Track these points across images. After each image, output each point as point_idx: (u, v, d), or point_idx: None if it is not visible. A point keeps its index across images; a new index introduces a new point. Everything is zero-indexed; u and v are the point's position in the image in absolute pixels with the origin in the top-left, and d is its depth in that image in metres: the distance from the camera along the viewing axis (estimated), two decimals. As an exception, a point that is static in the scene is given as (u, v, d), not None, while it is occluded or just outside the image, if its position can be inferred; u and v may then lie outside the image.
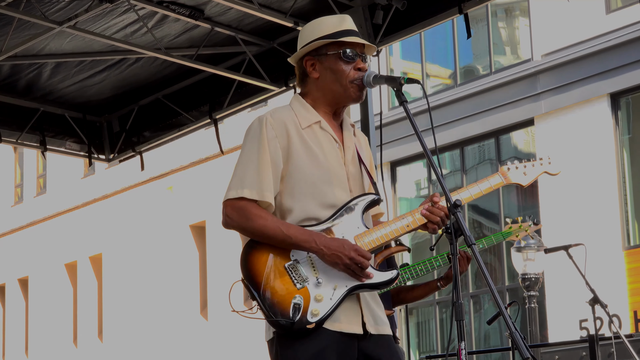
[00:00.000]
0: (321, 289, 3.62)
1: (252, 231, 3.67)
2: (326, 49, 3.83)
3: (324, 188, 3.73)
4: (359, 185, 3.83)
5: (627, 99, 17.72)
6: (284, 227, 3.64)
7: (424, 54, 21.40)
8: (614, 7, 17.83)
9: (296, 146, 3.75)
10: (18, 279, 30.57)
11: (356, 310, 3.69)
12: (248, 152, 3.75)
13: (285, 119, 3.78)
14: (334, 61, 3.82)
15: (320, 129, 3.81)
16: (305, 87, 3.90)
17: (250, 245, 3.70)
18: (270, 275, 3.63)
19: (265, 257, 3.66)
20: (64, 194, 28.85)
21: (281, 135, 3.74)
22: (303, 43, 3.88)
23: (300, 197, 3.72)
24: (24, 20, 7.89)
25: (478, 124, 19.47)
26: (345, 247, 3.62)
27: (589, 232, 16.64)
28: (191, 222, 24.98)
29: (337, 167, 3.78)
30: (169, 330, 25.15)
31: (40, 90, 9.66)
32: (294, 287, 3.61)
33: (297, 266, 3.65)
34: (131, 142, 10.33)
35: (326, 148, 3.79)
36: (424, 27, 8.25)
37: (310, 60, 3.86)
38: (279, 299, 3.60)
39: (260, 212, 3.67)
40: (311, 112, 3.84)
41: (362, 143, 3.99)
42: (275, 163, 3.71)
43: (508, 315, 3.47)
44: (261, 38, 8.92)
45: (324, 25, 3.88)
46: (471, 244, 3.48)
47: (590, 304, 7.51)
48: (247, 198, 3.68)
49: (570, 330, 16.44)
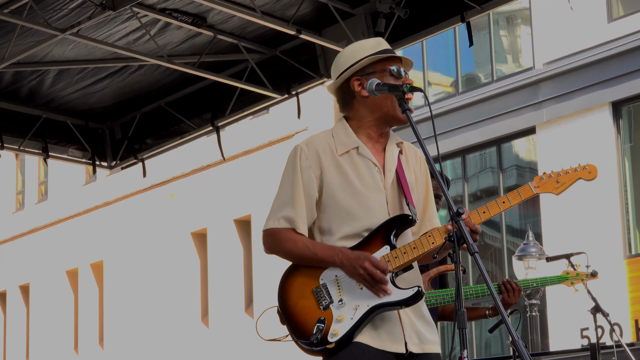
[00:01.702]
0: (343, 309, 3.71)
1: (284, 253, 3.85)
2: (373, 67, 3.89)
3: (359, 215, 3.80)
4: (398, 209, 3.87)
5: (628, 107, 17.73)
6: (311, 245, 3.80)
7: (426, 62, 21.41)
8: (616, 15, 17.85)
9: (331, 175, 3.84)
10: (19, 286, 30.55)
11: (398, 329, 3.76)
12: (284, 183, 3.89)
13: (319, 147, 3.87)
14: (383, 77, 3.87)
15: (358, 155, 3.87)
16: (352, 110, 3.95)
17: (288, 271, 3.86)
18: (298, 298, 3.77)
19: (297, 282, 3.81)
20: (65, 201, 28.85)
21: (315, 165, 3.84)
22: (344, 66, 3.93)
23: (336, 226, 3.82)
24: (26, 27, 7.89)
25: (479, 132, 19.47)
26: (361, 257, 3.71)
27: (590, 241, 16.63)
28: (192, 229, 24.97)
29: (376, 193, 3.83)
30: (170, 337, 25.13)
31: (43, 97, 9.66)
32: (318, 309, 3.73)
33: (324, 289, 3.76)
34: (133, 149, 10.33)
35: (364, 174, 3.84)
36: (427, 35, 8.26)
37: (357, 80, 3.90)
38: (304, 322, 3.73)
39: (291, 235, 3.82)
40: (351, 138, 3.89)
41: (411, 159, 4.00)
42: (308, 193, 3.83)
43: (510, 323, 3.47)
44: (264, 46, 8.92)
45: (364, 46, 3.95)
46: (474, 252, 3.49)
47: (592, 312, 7.51)
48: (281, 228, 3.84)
49: (571, 338, 16.41)
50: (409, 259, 3.77)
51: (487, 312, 5.60)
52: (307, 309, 3.74)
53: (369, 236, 3.78)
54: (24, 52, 8.22)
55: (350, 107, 3.94)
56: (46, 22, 7.76)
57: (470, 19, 7.93)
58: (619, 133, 17.62)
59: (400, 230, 3.81)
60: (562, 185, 3.92)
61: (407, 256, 3.76)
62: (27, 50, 8.20)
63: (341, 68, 3.94)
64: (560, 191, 3.92)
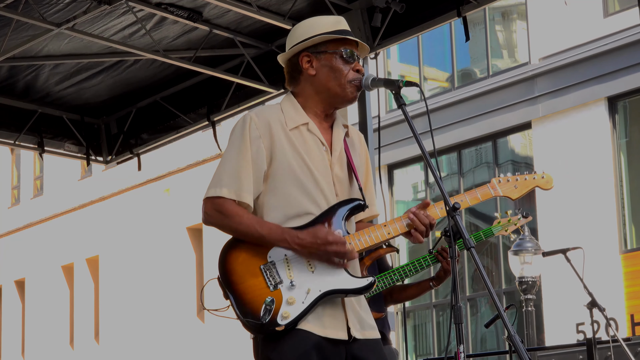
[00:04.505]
0: (294, 291, 3.57)
1: (229, 228, 3.65)
2: (325, 47, 3.79)
3: (311, 192, 3.67)
4: (346, 189, 3.76)
5: (624, 102, 17.74)
6: (258, 224, 3.61)
7: (422, 56, 21.40)
8: (612, 10, 17.85)
9: (282, 145, 3.69)
10: (15, 281, 30.54)
11: (340, 316, 3.65)
12: (230, 151, 3.70)
13: (271, 118, 3.73)
14: (333, 59, 3.77)
15: (308, 131, 3.75)
16: (298, 86, 3.85)
17: (230, 244, 3.68)
18: (245, 275, 3.60)
19: (242, 257, 3.63)
20: (60, 196, 28.83)
21: (265, 135, 3.69)
22: (297, 40, 3.83)
23: (286, 195, 3.66)
24: (22, 22, 7.88)
25: (475, 127, 19.47)
26: (319, 235, 3.56)
27: (586, 236, 16.64)
28: (188, 224, 24.96)
29: (323, 171, 3.72)
30: (166, 332, 25.13)
31: (38, 92, 9.66)
32: (267, 289, 3.57)
33: (273, 267, 3.60)
34: (129, 144, 10.33)
35: (312, 151, 3.72)
36: (423, 30, 8.25)
37: (306, 56, 3.80)
38: (251, 300, 3.57)
39: (237, 210, 3.63)
40: (300, 114, 3.77)
41: (356, 143, 3.91)
42: (256, 163, 3.67)
43: (507, 318, 3.46)
44: (259, 40, 8.92)
45: (321, 23, 3.83)
46: (470, 247, 3.47)
47: (588, 307, 7.51)
48: (225, 197, 3.64)
49: (566, 333, 16.44)
50: (364, 247, 3.68)
51: (431, 283, 5.53)
52: (254, 286, 3.57)
53: (317, 218, 3.64)
54: (19, 46, 8.22)
55: (296, 83, 3.85)
56: (42, 16, 7.75)
57: (466, 14, 7.92)
58: (614, 128, 17.62)
59: (350, 215, 3.71)
60: (519, 191, 3.91)
61: (362, 244, 3.67)
62: (22, 45, 8.20)
63: (294, 41, 3.84)
64: (517, 197, 3.91)
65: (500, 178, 3.92)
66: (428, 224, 3.66)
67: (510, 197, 3.90)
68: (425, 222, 3.66)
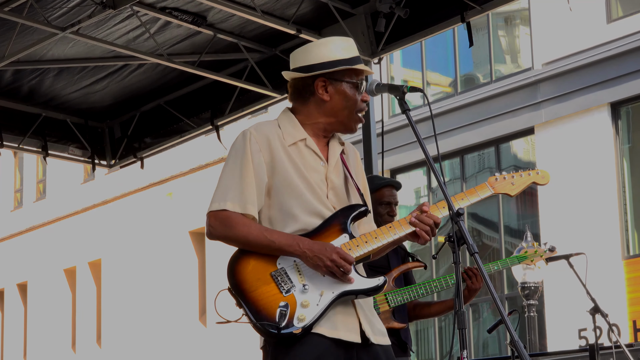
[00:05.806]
0: (307, 294, 3.60)
1: (236, 239, 3.68)
2: (342, 75, 3.80)
3: (309, 199, 3.70)
4: (344, 199, 3.80)
5: (627, 108, 17.74)
6: (267, 232, 3.64)
7: (425, 62, 21.41)
8: (615, 16, 17.86)
9: (282, 160, 3.72)
10: (17, 284, 30.54)
11: (353, 319, 3.67)
12: (232, 164, 3.72)
13: (269, 134, 3.75)
14: (349, 88, 3.79)
15: (305, 147, 3.78)
16: (303, 105, 3.85)
17: (236, 255, 3.71)
18: (256, 282, 3.63)
19: (252, 265, 3.66)
20: (63, 199, 28.84)
21: (265, 150, 3.72)
22: (313, 61, 3.82)
23: (287, 209, 3.70)
24: (26, 26, 7.90)
25: (478, 132, 19.48)
26: (328, 249, 3.60)
27: (589, 242, 16.63)
28: (190, 228, 24.97)
29: (323, 185, 3.75)
30: (168, 336, 25.13)
31: (43, 95, 9.67)
32: (279, 294, 3.60)
33: (284, 273, 3.63)
34: (132, 148, 10.34)
35: (311, 165, 3.76)
36: (427, 35, 8.27)
37: (322, 81, 3.80)
38: (264, 306, 3.59)
39: (244, 220, 3.66)
40: (298, 130, 3.80)
41: (352, 159, 3.94)
42: (258, 176, 3.70)
43: (510, 324, 3.47)
44: (263, 45, 8.93)
45: (337, 47, 3.83)
46: (473, 252, 3.47)
47: (590, 313, 7.51)
48: (230, 210, 3.67)
49: (569, 339, 16.43)
50: (372, 249, 3.71)
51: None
52: (267, 293, 3.59)
53: (323, 224, 3.69)
54: (24, 50, 8.23)
55: (303, 103, 3.84)
56: (46, 20, 7.76)
57: (470, 19, 7.94)
58: (617, 134, 17.62)
59: (355, 219, 3.75)
60: (516, 187, 3.95)
61: (369, 245, 3.70)
62: (27, 49, 8.21)
63: (310, 61, 3.82)
64: (516, 193, 3.95)
65: (497, 176, 3.96)
66: (432, 223, 3.68)
67: (509, 193, 3.95)
68: (429, 222, 3.68)
